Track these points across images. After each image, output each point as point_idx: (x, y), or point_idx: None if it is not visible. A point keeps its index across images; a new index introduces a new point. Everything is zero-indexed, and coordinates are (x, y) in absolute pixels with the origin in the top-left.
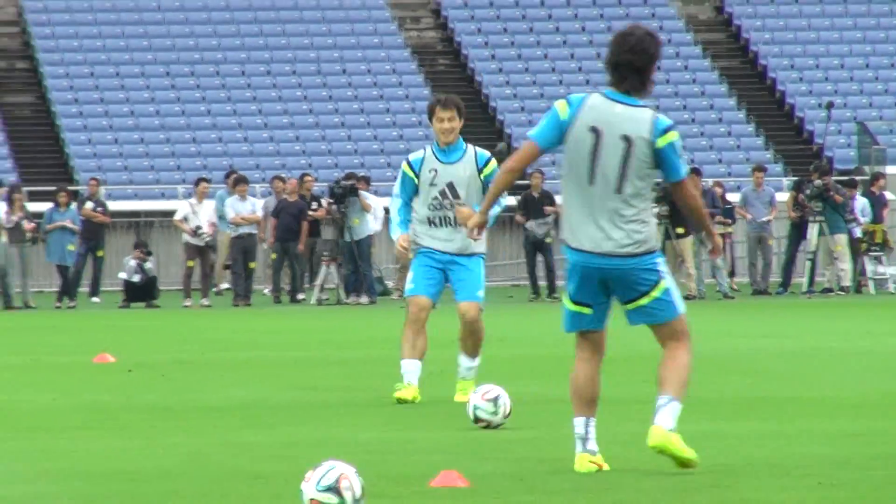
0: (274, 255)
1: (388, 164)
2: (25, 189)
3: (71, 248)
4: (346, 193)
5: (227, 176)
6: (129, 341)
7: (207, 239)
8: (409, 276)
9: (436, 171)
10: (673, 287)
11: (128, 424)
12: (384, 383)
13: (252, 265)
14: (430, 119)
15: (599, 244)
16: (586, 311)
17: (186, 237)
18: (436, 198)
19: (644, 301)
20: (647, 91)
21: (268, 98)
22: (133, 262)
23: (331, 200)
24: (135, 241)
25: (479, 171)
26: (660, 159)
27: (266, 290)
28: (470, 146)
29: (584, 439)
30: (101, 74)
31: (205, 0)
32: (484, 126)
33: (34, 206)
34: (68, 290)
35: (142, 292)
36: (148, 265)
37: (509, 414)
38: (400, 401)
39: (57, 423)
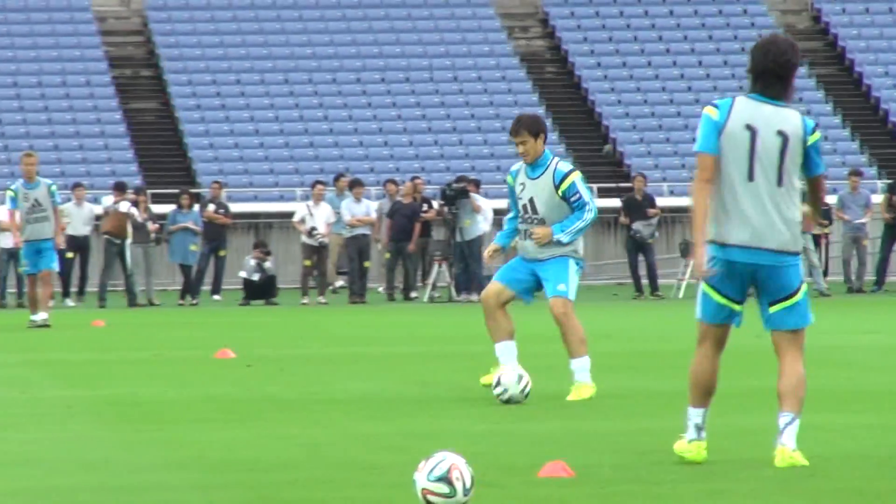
0: (388, 255)
1: (497, 167)
2: (149, 192)
3: (193, 248)
4: (457, 196)
5: (336, 179)
6: (249, 337)
7: (322, 240)
8: None
9: (524, 185)
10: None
11: (247, 416)
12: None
13: (367, 264)
14: None
15: (762, 238)
16: (736, 307)
17: (303, 237)
18: (524, 211)
19: (789, 303)
20: (789, 97)
21: (382, 104)
22: (253, 262)
23: (442, 202)
24: (255, 241)
25: (556, 187)
26: (806, 156)
27: (380, 289)
28: (553, 161)
29: (700, 428)
30: (223, 82)
31: (322, 10)
32: (589, 131)
33: (158, 208)
34: (191, 288)
35: (261, 290)
36: (267, 264)
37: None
38: (485, 385)
39: (179, 415)
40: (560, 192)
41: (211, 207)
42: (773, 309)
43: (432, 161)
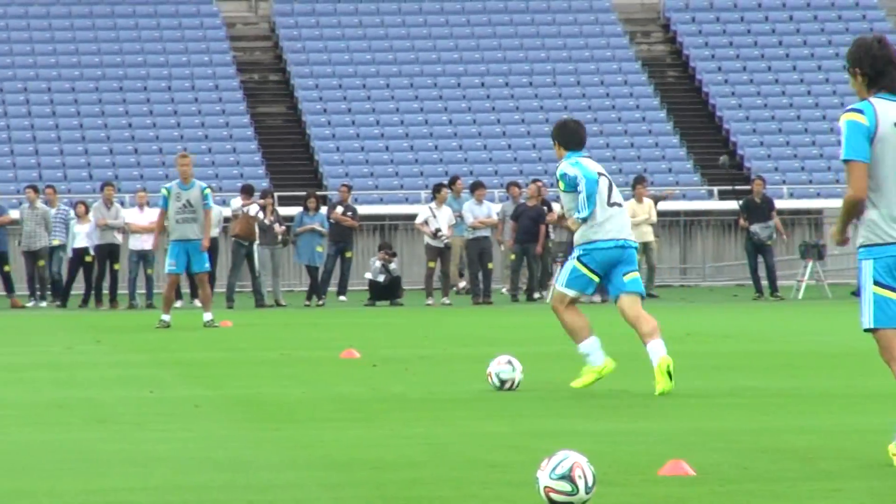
0: (513, 256)
1: (619, 170)
2: (276, 194)
3: (319, 249)
4: None
5: (452, 182)
6: (374, 338)
7: (447, 241)
8: None
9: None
10: None
11: (372, 416)
12: (616, 377)
13: (490, 265)
14: None
15: None
16: None
17: (427, 239)
18: None
19: None
20: None
21: (506, 108)
22: (378, 263)
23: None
24: (380, 242)
25: (558, 181)
26: None
27: (504, 290)
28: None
29: None
30: (349, 86)
31: (446, 16)
32: (710, 135)
33: (285, 211)
34: (317, 289)
35: (386, 291)
36: (392, 266)
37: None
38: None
39: (305, 414)
40: (560, 185)
41: (339, 210)
42: None
43: (554, 164)
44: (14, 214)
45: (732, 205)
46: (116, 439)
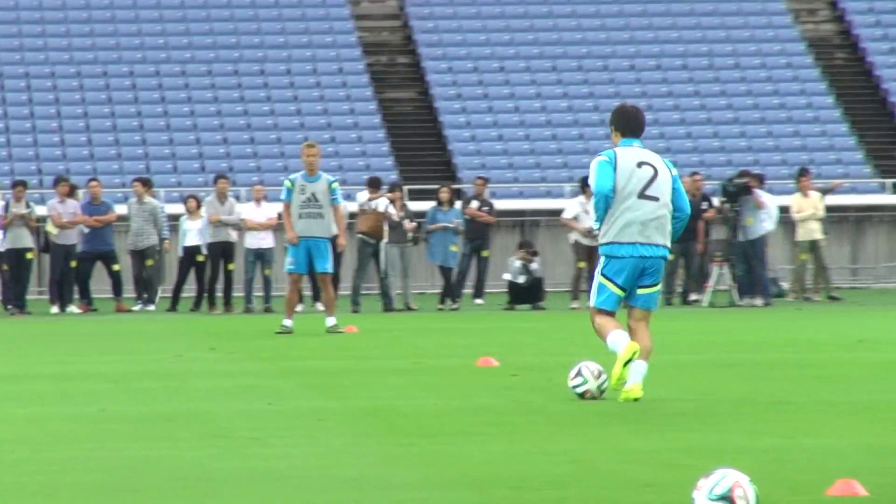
0: (672, 256)
1: (783, 161)
2: (406, 188)
3: (454, 248)
4: (739, 192)
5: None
6: (514, 344)
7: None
8: None
9: None
10: None
11: (512, 430)
12: (781, 388)
13: None
14: None
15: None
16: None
17: (576, 237)
18: None
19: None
20: None
21: (657, 93)
22: (518, 263)
23: (723, 199)
24: (520, 240)
25: None
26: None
27: None
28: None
29: None
30: (485, 69)
31: None
32: (883, 122)
33: (415, 206)
34: (451, 291)
35: (527, 294)
36: (533, 266)
37: None
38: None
39: (439, 428)
40: None
41: (474, 205)
42: None
43: (712, 154)
44: (121, 210)
45: None
46: (232, 456)
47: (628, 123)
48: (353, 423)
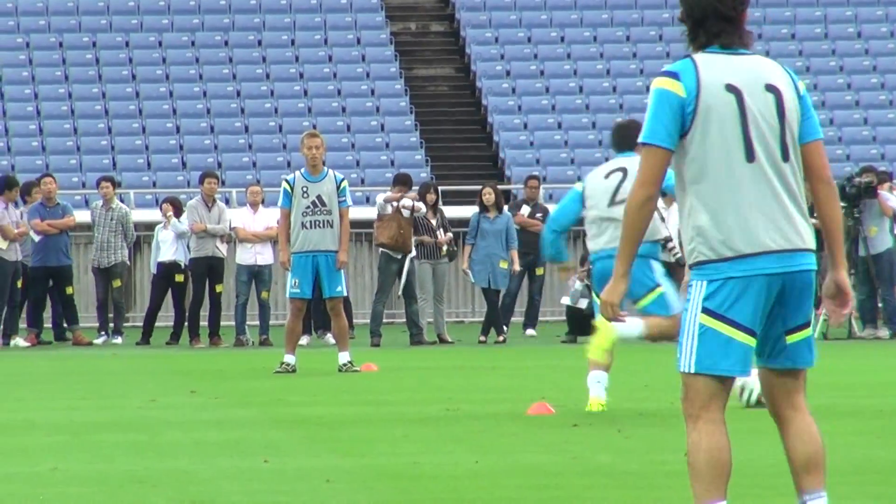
0: None
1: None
2: (441, 188)
3: (503, 265)
4: (860, 194)
5: None
6: (575, 386)
7: (678, 255)
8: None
9: None
10: None
11: (573, 494)
12: None
13: None
14: None
15: (788, 237)
16: (753, 342)
17: None
18: None
19: (809, 331)
20: (748, 44)
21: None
22: (580, 284)
23: (841, 203)
24: (584, 256)
25: None
26: (803, 111)
27: None
28: None
29: None
30: (540, 39)
31: None
32: None
33: (452, 211)
34: (497, 320)
35: (590, 323)
36: None
37: None
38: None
39: (478, 493)
40: None
41: (525, 210)
42: (793, 338)
43: (828, 147)
44: (82, 216)
45: None
46: None
47: (614, 138)
48: (370, 487)
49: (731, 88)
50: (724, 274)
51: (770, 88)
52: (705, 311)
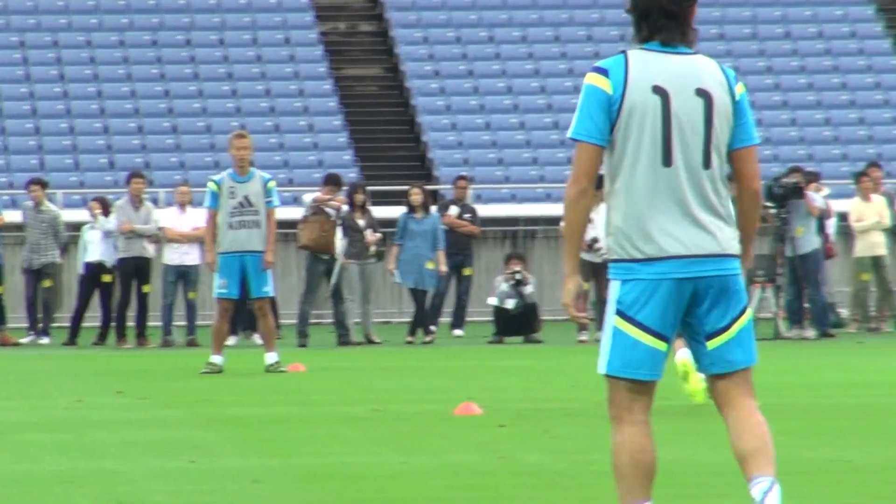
0: None
1: (843, 156)
2: (369, 188)
3: (430, 266)
4: (787, 194)
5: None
6: (502, 386)
7: (605, 255)
8: None
9: None
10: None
11: (501, 494)
12: (836, 443)
13: None
14: None
15: (698, 243)
16: (665, 347)
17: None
18: None
19: (733, 332)
20: (692, 42)
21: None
22: (507, 285)
23: (768, 204)
24: (509, 254)
25: None
26: (737, 115)
27: None
28: None
29: None
30: (469, 39)
31: None
32: None
33: (380, 211)
34: (424, 320)
35: (519, 323)
36: (528, 288)
37: None
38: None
39: (407, 493)
40: None
41: (454, 211)
42: (714, 343)
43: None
44: (11, 217)
45: None
46: None
47: None
48: (297, 487)
49: (657, 90)
50: (635, 275)
51: (701, 93)
52: (618, 312)
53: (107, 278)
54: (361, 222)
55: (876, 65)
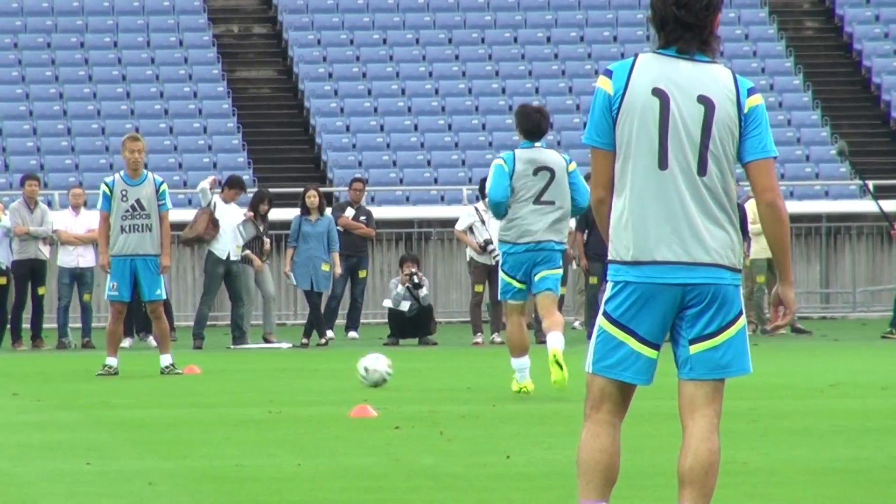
0: (594, 279)
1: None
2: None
3: (325, 268)
4: None
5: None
6: (397, 389)
7: (498, 258)
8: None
9: None
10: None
11: (399, 497)
12: (730, 444)
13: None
14: None
15: (688, 250)
16: (653, 353)
17: (472, 254)
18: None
19: (720, 340)
20: (714, 50)
21: (578, 72)
22: (402, 287)
23: None
24: (403, 257)
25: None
26: (747, 127)
27: (576, 323)
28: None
29: None
30: (363, 41)
31: None
32: (864, 109)
33: (273, 213)
34: (319, 322)
35: (413, 325)
36: (422, 291)
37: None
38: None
39: (302, 495)
40: None
41: (349, 213)
42: (697, 348)
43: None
44: None
45: (892, 206)
46: None
47: (528, 125)
48: (192, 489)
49: (657, 92)
50: (624, 277)
51: (702, 100)
52: (605, 313)
53: (1, 280)
54: (261, 228)
55: (770, 67)
